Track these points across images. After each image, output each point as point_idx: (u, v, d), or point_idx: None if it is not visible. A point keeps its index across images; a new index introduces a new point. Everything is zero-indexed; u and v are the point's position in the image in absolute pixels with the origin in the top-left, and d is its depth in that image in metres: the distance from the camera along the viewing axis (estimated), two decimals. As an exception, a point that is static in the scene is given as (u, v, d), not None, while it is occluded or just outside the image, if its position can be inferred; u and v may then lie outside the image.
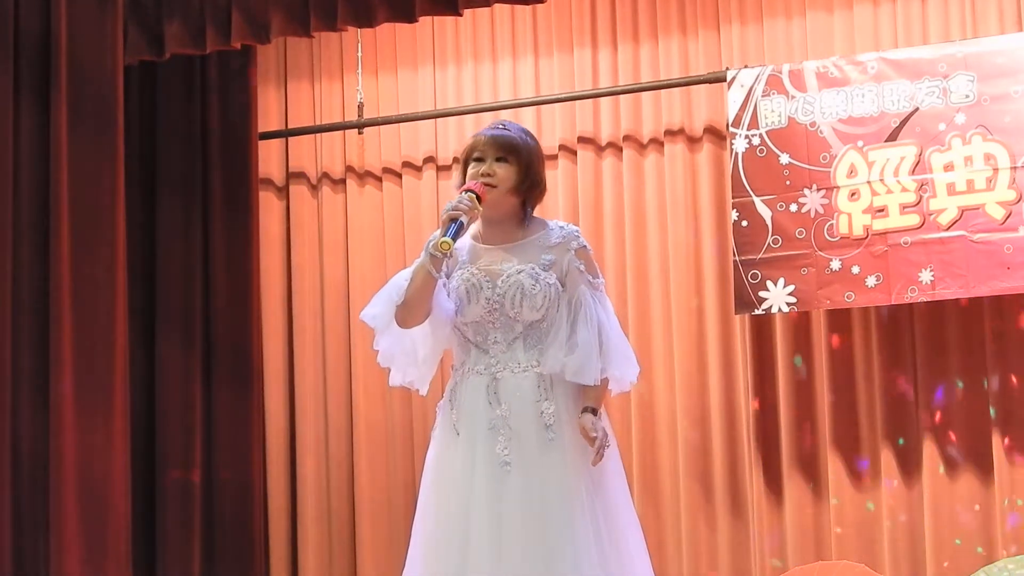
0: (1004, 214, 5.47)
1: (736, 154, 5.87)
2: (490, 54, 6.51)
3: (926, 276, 5.55)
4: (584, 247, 4.00)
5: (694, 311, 6.11)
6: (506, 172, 3.94)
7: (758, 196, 5.82)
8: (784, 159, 5.80)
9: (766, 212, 5.80)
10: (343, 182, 6.67)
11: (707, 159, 6.13)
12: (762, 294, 5.78)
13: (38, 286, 5.70)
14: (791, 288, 5.75)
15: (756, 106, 5.85)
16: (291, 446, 6.57)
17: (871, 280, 5.63)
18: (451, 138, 6.49)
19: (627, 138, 6.26)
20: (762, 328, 5.99)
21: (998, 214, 5.48)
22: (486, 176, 3.92)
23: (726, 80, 5.93)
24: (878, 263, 5.63)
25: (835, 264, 5.69)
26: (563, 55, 6.40)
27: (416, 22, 5.87)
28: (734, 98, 5.89)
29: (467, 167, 3.98)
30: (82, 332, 5.71)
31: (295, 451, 6.56)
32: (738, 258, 5.83)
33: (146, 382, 6.20)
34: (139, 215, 6.26)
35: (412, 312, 3.90)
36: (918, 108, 5.63)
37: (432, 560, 3.89)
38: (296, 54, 6.74)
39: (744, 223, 5.83)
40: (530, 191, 3.99)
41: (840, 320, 5.87)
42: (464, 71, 6.54)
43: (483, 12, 6.37)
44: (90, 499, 5.66)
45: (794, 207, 5.77)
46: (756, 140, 5.84)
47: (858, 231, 5.66)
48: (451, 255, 3.88)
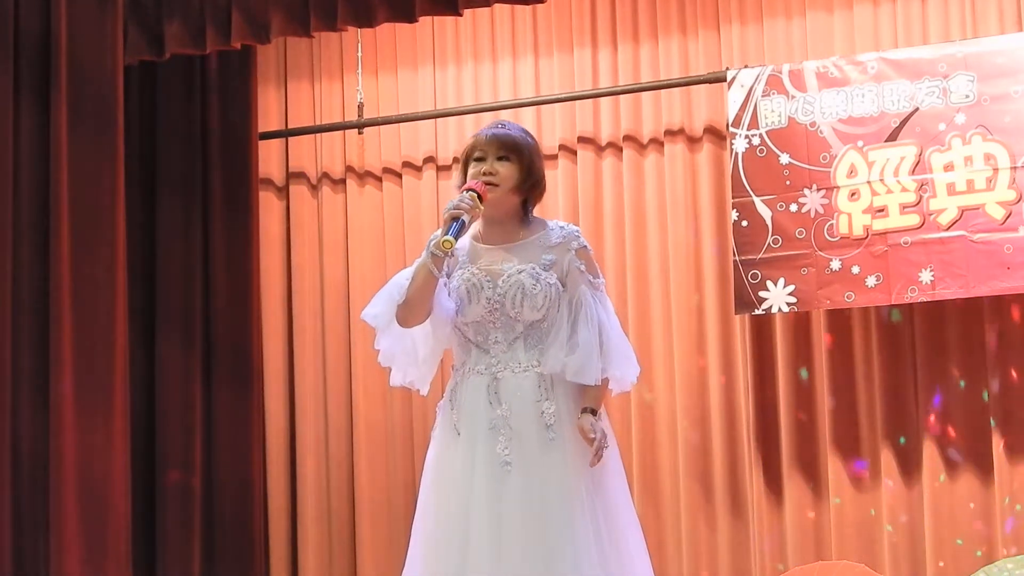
0: (1004, 214, 5.47)
1: (736, 154, 5.87)
2: (490, 54, 6.51)
3: (926, 276, 5.55)
4: (584, 247, 4.00)
5: (694, 311, 6.11)
6: (508, 171, 3.94)
7: (758, 196, 5.82)
8: (784, 159, 5.80)
9: (766, 212, 5.80)
10: (343, 182, 6.67)
11: (707, 159, 6.13)
12: (762, 294, 5.78)
13: (38, 286, 5.70)
14: (791, 288, 5.75)
15: (756, 106, 5.85)
16: (291, 446, 6.57)
17: (871, 280, 5.63)
18: (451, 138, 6.49)
19: (627, 138, 6.26)
20: (762, 328, 5.99)
21: (998, 214, 5.48)
22: (488, 175, 3.92)
23: (726, 80, 5.93)
24: (878, 263, 5.63)
25: (835, 264, 5.69)
26: (563, 55, 6.40)
27: (416, 22, 5.87)
28: (734, 98, 5.89)
29: (467, 167, 3.98)
30: (82, 332, 5.71)
31: (295, 451, 6.56)
32: (738, 258, 5.83)
33: (146, 382, 6.20)
34: (139, 215, 6.26)
35: (413, 311, 3.90)
36: (918, 108, 5.63)
37: (432, 560, 3.89)
38: (296, 54, 6.74)
39: (744, 223, 5.83)
40: (531, 190, 4.00)
41: (840, 320, 5.87)
42: (464, 71, 6.54)
43: (483, 12, 6.37)
44: (90, 499, 5.66)
45: (794, 207, 5.77)
46: (756, 140, 5.84)
47: (858, 231, 5.66)
48: (452, 254, 3.88)
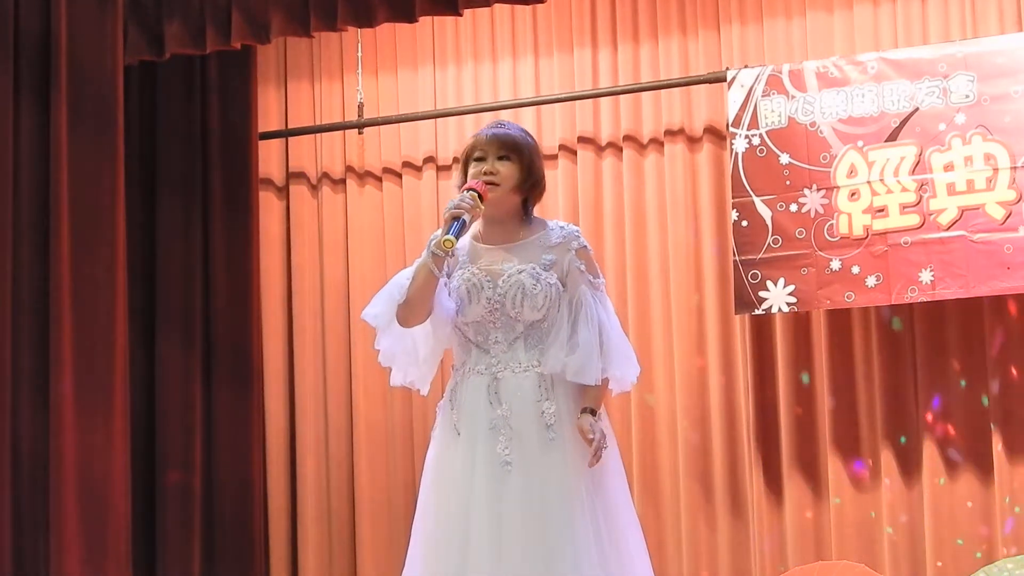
0: (1004, 214, 5.47)
1: (736, 154, 5.87)
2: (490, 54, 6.51)
3: (926, 276, 5.55)
4: (584, 247, 4.00)
5: (694, 311, 6.11)
6: (509, 170, 3.94)
7: (758, 196, 5.82)
8: (784, 159, 5.80)
9: (766, 212, 5.80)
10: (343, 182, 6.67)
11: (707, 159, 6.13)
12: (762, 294, 5.78)
13: (38, 286, 5.70)
14: (791, 288, 5.75)
15: (756, 106, 5.85)
16: (291, 446, 6.57)
17: (871, 280, 5.63)
18: (451, 138, 6.49)
19: (627, 138, 6.26)
20: (762, 328, 5.99)
21: (998, 214, 5.48)
22: (488, 174, 3.92)
23: (726, 80, 5.93)
24: (878, 263, 5.63)
25: (835, 264, 5.69)
26: (563, 55, 6.40)
27: (416, 22, 5.87)
28: (734, 98, 5.89)
29: (467, 167, 3.98)
30: (82, 332, 5.71)
31: (295, 451, 6.56)
32: (738, 258, 5.83)
33: (146, 382, 6.20)
34: (139, 215, 6.26)
35: (414, 311, 3.90)
36: (918, 108, 5.63)
37: (432, 560, 3.89)
38: (296, 54, 6.74)
39: (744, 223, 5.83)
40: (532, 189, 4.00)
41: (840, 320, 5.87)
42: (464, 71, 6.54)
43: (483, 12, 6.37)
44: (90, 499, 5.66)
45: (794, 207, 5.77)
46: (756, 140, 5.84)
47: (858, 231, 5.66)
48: (453, 254, 3.88)
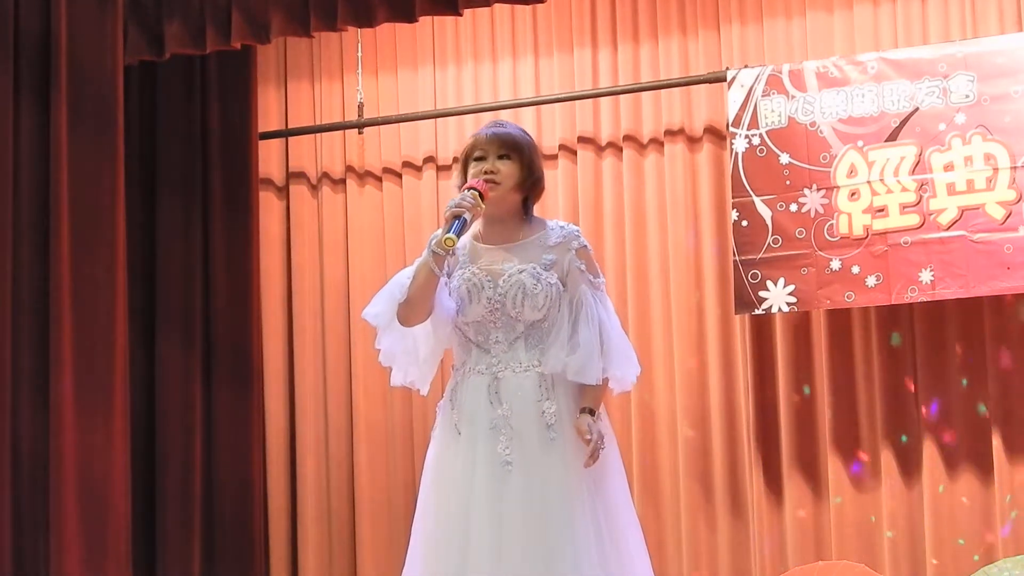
0: (1004, 214, 5.47)
1: (736, 154, 5.87)
2: (490, 54, 6.51)
3: (926, 276, 5.55)
4: (585, 247, 4.00)
5: (694, 311, 6.11)
6: (509, 169, 3.94)
7: (758, 196, 5.82)
8: (784, 159, 5.80)
9: (766, 212, 5.80)
10: (343, 182, 6.67)
11: (707, 159, 6.13)
12: (762, 294, 5.78)
13: (38, 286, 5.70)
14: (791, 288, 5.75)
15: (756, 106, 5.85)
16: (291, 446, 6.57)
17: (871, 280, 5.63)
18: (451, 138, 6.49)
19: (627, 138, 6.26)
20: (762, 328, 5.99)
21: (998, 214, 5.48)
22: (489, 173, 3.92)
23: (726, 80, 5.93)
24: (878, 263, 5.63)
25: (835, 264, 5.69)
26: (563, 55, 6.40)
27: (416, 22, 5.87)
28: (734, 98, 5.89)
29: (467, 166, 3.98)
30: (82, 332, 5.71)
31: (295, 451, 6.56)
32: (738, 258, 5.83)
33: (146, 382, 6.20)
34: (139, 215, 6.26)
35: (414, 310, 3.90)
36: (918, 108, 5.63)
37: (432, 560, 3.89)
38: (296, 54, 6.74)
39: (744, 223, 5.83)
40: (532, 188, 4.00)
41: (840, 320, 5.87)
42: (464, 71, 6.54)
43: (483, 12, 6.37)
44: (90, 499, 5.65)
45: (794, 207, 5.77)
46: (756, 140, 5.84)
47: (858, 231, 5.66)
48: (453, 253, 3.88)
